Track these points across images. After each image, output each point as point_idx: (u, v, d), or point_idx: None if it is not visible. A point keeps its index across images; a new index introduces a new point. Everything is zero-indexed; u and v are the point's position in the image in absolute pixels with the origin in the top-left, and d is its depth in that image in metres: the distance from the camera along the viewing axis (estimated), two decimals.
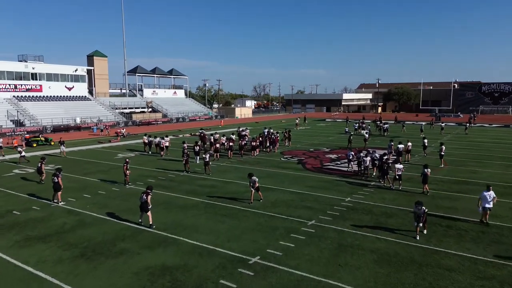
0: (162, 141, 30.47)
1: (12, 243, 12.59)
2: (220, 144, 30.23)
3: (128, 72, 79.13)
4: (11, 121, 50.66)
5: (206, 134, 36.93)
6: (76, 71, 66.24)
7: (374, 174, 22.06)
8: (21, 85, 58.61)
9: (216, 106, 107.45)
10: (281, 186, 19.96)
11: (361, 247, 11.96)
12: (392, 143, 28.29)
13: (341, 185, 20.25)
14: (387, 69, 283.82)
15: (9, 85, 57.07)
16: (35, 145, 36.72)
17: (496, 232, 13.25)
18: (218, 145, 28.97)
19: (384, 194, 18.32)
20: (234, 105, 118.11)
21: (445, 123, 54.12)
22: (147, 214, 13.79)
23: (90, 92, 69.38)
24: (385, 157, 20.95)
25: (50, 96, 61.93)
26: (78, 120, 56.40)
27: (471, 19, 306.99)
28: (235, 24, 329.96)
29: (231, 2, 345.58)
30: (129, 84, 79.43)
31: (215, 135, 32.73)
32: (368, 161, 22.04)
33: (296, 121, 57.87)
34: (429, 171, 18.02)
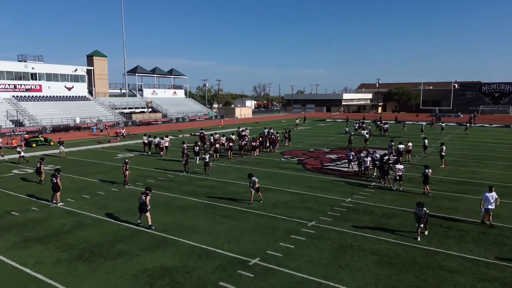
0: (161, 141, 30.39)
1: (11, 244, 12.52)
2: (220, 144, 30.14)
3: (128, 72, 79.02)
4: (10, 121, 50.55)
5: (206, 134, 36.87)
6: (75, 71, 66.16)
7: (375, 174, 21.99)
8: (21, 85, 58.50)
9: (216, 106, 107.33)
10: (281, 186, 19.88)
11: (362, 248, 11.88)
12: (392, 143, 28.21)
13: (342, 185, 20.17)
14: (387, 69, 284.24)
15: (9, 85, 56.97)
16: (34, 145, 36.65)
17: (497, 233, 13.17)
18: (218, 145, 28.90)
19: (385, 194, 18.24)
20: (234, 105, 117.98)
21: (445, 123, 54.03)
22: (146, 215, 13.71)
23: (90, 92, 69.31)
24: (385, 157, 20.87)
25: (50, 96, 61.85)
26: (77, 120, 56.29)
27: (471, 19, 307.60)
28: (235, 24, 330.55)
29: (231, 2, 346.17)
30: (129, 84, 79.34)
31: (215, 135, 32.65)
32: (368, 162, 21.98)
33: (296, 121, 57.77)
34: (430, 171, 17.95)
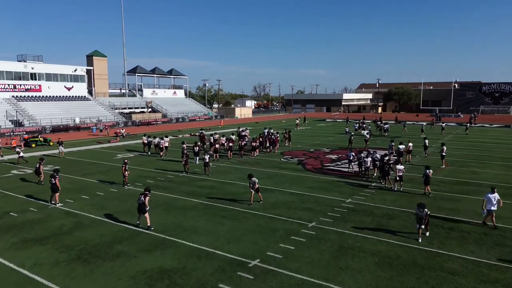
0: (161, 141, 30.30)
1: (9, 245, 12.43)
2: (220, 144, 30.05)
3: (128, 72, 78.92)
4: (10, 121, 50.46)
5: (206, 135, 36.77)
6: (75, 71, 66.07)
7: (375, 175, 21.90)
8: (20, 85, 58.41)
9: (216, 106, 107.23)
10: (281, 187, 19.79)
11: (362, 249, 11.79)
12: (393, 144, 28.11)
13: (342, 186, 20.08)
14: (387, 69, 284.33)
15: (8, 85, 56.87)
16: (33, 145, 36.56)
17: (498, 234, 13.08)
18: (217, 145, 28.81)
19: (385, 195, 18.15)
20: (234, 105, 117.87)
21: (445, 123, 53.95)
22: (145, 215, 13.62)
23: (90, 92, 69.21)
24: (386, 157, 20.78)
25: (49, 96, 61.76)
26: (77, 120, 56.20)
27: (471, 19, 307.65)
28: (235, 24, 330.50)
29: (231, 2, 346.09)
30: (128, 84, 79.24)
31: (215, 135, 32.56)
32: (369, 162, 21.89)
33: (296, 121, 57.69)
34: (431, 172, 17.86)
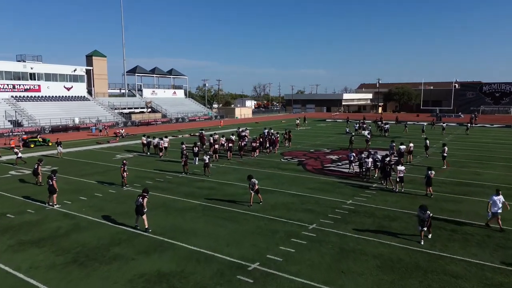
0: (161, 141, 30.11)
1: (5, 247, 12.25)
2: (220, 145, 29.86)
3: (127, 72, 78.71)
4: (9, 121, 50.28)
5: (205, 135, 36.58)
6: (75, 71, 65.87)
7: (376, 175, 21.72)
8: (20, 85, 58.20)
9: (216, 106, 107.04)
10: (281, 188, 19.60)
11: (364, 252, 11.60)
12: (393, 144, 27.89)
13: (342, 187, 19.89)
14: (387, 69, 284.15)
15: (7, 85, 56.66)
16: (32, 145, 36.38)
17: (501, 236, 12.89)
18: (217, 146, 28.62)
19: (387, 196, 17.96)
20: (234, 105, 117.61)
21: (446, 124, 53.78)
22: (143, 217, 13.42)
23: (89, 92, 69.02)
24: (387, 158, 20.59)
25: (49, 96, 61.57)
26: (76, 121, 56.01)
27: (471, 19, 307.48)
28: (235, 24, 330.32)
29: (231, 2, 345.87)
30: (128, 84, 79.06)
31: (215, 135, 32.35)
32: (369, 163, 21.69)
33: (296, 121, 57.53)
34: (433, 173, 17.65)
